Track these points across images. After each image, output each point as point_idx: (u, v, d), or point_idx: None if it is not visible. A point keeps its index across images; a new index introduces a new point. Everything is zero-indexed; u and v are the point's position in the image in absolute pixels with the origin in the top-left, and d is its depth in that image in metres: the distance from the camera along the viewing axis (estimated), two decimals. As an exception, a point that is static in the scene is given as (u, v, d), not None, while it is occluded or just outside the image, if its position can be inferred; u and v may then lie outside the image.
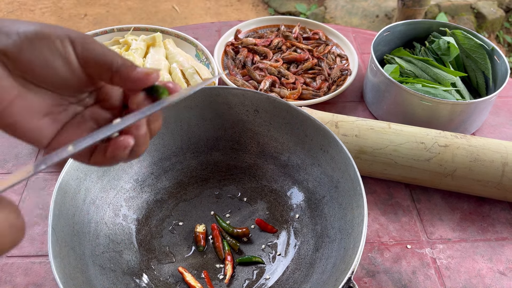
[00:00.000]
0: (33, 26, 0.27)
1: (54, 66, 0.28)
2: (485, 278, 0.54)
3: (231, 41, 0.84)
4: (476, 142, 0.60)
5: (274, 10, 2.24)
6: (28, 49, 0.27)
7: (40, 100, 0.28)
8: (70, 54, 0.28)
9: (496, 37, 2.09)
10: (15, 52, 0.27)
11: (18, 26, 0.27)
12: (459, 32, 0.74)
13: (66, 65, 0.28)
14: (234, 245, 0.53)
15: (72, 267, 0.43)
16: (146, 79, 0.29)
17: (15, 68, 0.27)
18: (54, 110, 0.29)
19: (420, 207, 0.62)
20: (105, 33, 0.81)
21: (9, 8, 2.16)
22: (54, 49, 0.27)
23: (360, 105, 0.77)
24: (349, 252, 0.43)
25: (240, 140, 0.58)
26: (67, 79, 0.28)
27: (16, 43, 0.27)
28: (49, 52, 0.27)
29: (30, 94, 0.28)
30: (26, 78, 0.28)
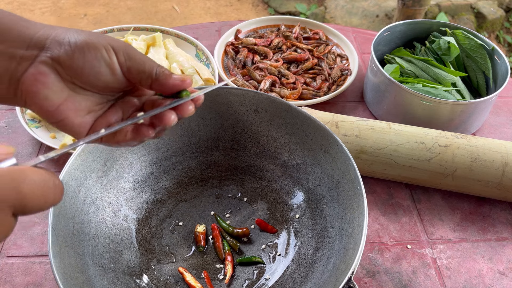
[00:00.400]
0: (82, 35, 0.32)
1: (100, 72, 0.32)
2: (485, 278, 0.54)
3: (231, 41, 0.84)
4: (476, 142, 0.60)
5: (274, 10, 2.24)
6: (78, 57, 0.31)
7: (85, 101, 0.33)
8: (114, 63, 0.32)
9: (496, 37, 2.09)
10: (67, 60, 0.31)
11: (69, 36, 0.31)
12: (460, 32, 0.74)
13: (110, 72, 0.32)
14: (234, 245, 0.53)
15: (72, 267, 0.43)
16: (182, 85, 0.34)
17: (66, 74, 0.31)
18: (95, 108, 0.34)
19: (421, 207, 0.62)
20: (105, 33, 0.81)
21: (8, 8, 2.16)
22: (101, 58, 0.32)
23: (360, 105, 0.77)
24: (349, 252, 0.43)
25: (240, 140, 0.58)
26: (110, 83, 0.33)
27: (68, 52, 0.31)
28: (96, 61, 0.31)
29: (77, 96, 0.32)
30: (75, 82, 0.32)
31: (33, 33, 0.31)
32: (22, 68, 0.31)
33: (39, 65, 0.31)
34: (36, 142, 0.68)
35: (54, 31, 0.32)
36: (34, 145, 0.67)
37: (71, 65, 0.31)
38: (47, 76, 0.31)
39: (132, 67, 0.33)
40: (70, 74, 0.31)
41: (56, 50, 0.31)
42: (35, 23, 0.32)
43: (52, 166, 0.65)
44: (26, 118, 0.67)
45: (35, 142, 0.68)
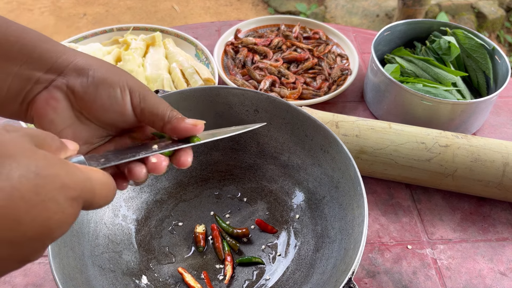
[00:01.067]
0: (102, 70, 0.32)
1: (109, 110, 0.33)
2: (485, 278, 0.54)
3: (231, 41, 0.84)
4: (476, 142, 0.60)
5: (274, 9, 2.24)
6: (92, 92, 0.32)
7: (86, 132, 0.33)
8: (126, 103, 0.33)
9: (497, 36, 2.09)
10: (81, 92, 0.32)
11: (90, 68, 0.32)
12: (460, 31, 0.74)
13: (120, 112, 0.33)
14: (234, 245, 0.53)
15: (72, 267, 0.43)
16: (193, 129, 0.34)
17: (76, 104, 0.32)
18: (93, 140, 0.34)
19: (421, 207, 0.62)
20: (104, 32, 0.81)
21: (8, 7, 2.16)
22: (113, 97, 0.32)
23: (361, 105, 0.76)
24: (349, 252, 0.43)
25: (240, 140, 0.58)
26: (116, 122, 0.34)
27: (83, 85, 0.32)
28: (108, 99, 0.32)
29: (80, 126, 0.33)
30: (83, 113, 0.33)
31: (55, 58, 0.32)
32: (37, 89, 0.32)
33: (53, 89, 0.32)
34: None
35: (75, 59, 0.32)
36: (33, 145, 0.67)
37: (83, 97, 0.32)
38: (59, 102, 0.32)
39: (145, 109, 0.33)
40: (80, 105, 0.32)
41: (73, 79, 0.32)
42: (58, 45, 0.33)
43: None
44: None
45: (34, 142, 0.68)
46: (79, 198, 0.23)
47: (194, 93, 0.54)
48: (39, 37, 0.33)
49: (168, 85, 0.71)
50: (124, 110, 0.33)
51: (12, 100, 0.32)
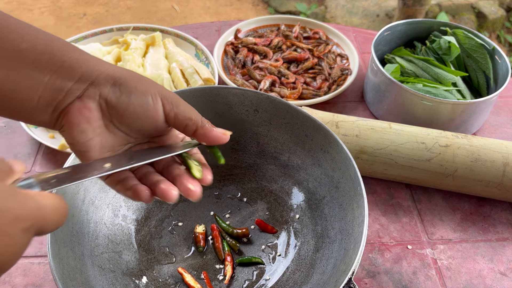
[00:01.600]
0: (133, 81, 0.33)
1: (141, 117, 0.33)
2: (486, 278, 0.54)
3: (231, 41, 0.84)
4: (477, 142, 0.60)
5: (274, 9, 2.24)
6: (124, 100, 0.32)
7: (112, 140, 0.34)
8: (158, 111, 0.34)
9: (497, 36, 2.09)
10: (113, 101, 0.32)
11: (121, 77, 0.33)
12: (460, 31, 0.74)
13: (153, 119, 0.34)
14: (234, 245, 0.53)
15: (71, 267, 0.43)
16: (222, 138, 0.36)
17: (108, 113, 0.33)
18: (117, 148, 0.35)
19: (421, 207, 0.62)
20: (104, 32, 0.81)
21: (8, 7, 2.16)
22: (146, 106, 0.33)
23: (361, 105, 0.76)
24: (349, 252, 0.43)
25: (240, 140, 0.58)
26: (147, 128, 0.34)
27: (117, 94, 0.32)
28: (141, 108, 0.33)
29: (108, 135, 0.34)
30: (113, 122, 0.33)
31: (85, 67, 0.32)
32: (69, 99, 0.32)
33: (86, 99, 0.32)
34: (35, 142, 0.68)
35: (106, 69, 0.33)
36: (33, 145, 0.67)
37: (116, 106, 0.32)
38: (92, 111, 0.32)
39: (179, 114, 0.34)
40: (112, 114, 0.33)
41: (106, 88, 0.32)
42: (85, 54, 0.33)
43: (52, 166, 0.65)
44: (25, 118, 0.66)
45: (33, 142, 0.68)
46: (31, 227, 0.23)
47: (194, 93, 0.54)
48: (66, 45, 0.33)
49: (168, 85, 0.71)
50: (156, 116, 0.34)
51: (43, 110, 0.32)
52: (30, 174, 0.64)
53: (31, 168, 0.64)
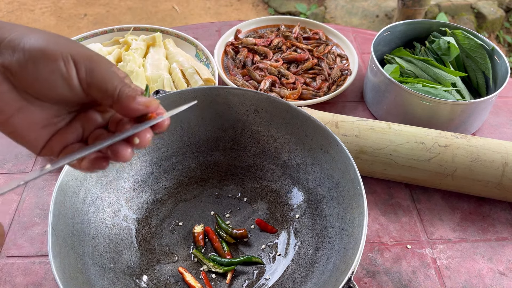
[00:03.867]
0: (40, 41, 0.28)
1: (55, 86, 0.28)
2: (485, 278, 0.54)
3: (231, 41, 0.84)
4: (476, 142, 0.60)
5: (274, 10, 2.24)
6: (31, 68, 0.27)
7: (40, 113, 0.29)
8: (72, 77, 0.28)
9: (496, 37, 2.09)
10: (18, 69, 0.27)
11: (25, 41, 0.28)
12: (459, 32, 0.74)
13: (67, 86, 0.28)
14: (230, 239, 0.53)
15: (72, 267, 0.43)
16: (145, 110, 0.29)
17: (18, 83, 0.28)
18: (52, 121, 0.30)
19: (420, 207, 0.62)
20: (105, 33, 0.81)
21: (9, 8, 2.16)
22: (56, 71, 0.28)
23: (360, 105, 0.77)
24: (349, 252, 0.43)
25: (240, 140, 0.58)
26: (67, 97, 0.29)
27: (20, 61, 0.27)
28: (51, 73, 0.28)
29: (31, 107, 0.29)
30: (29, 92, 0.28)
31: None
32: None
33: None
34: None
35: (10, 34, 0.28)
36: (34, 145, 0.67)
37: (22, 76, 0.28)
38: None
39: (92, 84, 0.29)
40: (22, 84, 0.28)
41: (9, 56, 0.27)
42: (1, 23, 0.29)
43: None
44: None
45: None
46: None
47: (195, 93, 0.54)
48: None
49: (169, 85, 0.71)
50: (72, 85, 0.28)
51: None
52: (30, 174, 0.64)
53: (32, 167, 0.64)
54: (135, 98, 0.29)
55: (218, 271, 0.51)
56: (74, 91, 0.29)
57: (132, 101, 0.29)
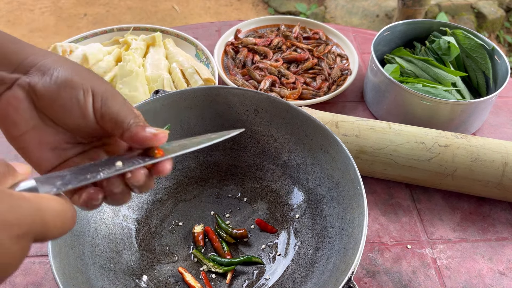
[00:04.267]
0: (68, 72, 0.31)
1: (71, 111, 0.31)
2: (485, 278, 0.54)
3: (231, 41, 0.84)
4: (476, 142, 0.60)
5: (274, 9, 2.24)
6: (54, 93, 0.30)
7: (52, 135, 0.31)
8: (88, 107, 0.31)
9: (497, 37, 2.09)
10: (42, 91, 0.30)
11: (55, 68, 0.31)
12: (460, 31, 0.74)
13: (81, 114, 0.31)
14: (230, 239, 0.53)
15: (72, 267, 0.43)
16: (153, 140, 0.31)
17: (38, 103, 0.30)
18: (63, 146, 0.32)
19: (421, 207, 0.62)
20: (105, 32, 0.81)
21: (8, 7, 2.16)
22: (75, 98, 0.30)
23: (360, 105, 0.77)
24: (349, 252, 0.43)
25: (240, 140, 0.58)
26: (81, 126, 0.31)
27: (45, 85, 0.30)
28: (69, 100, 0.30)
29: (45, 128, 0.31)
30: (46, 114, 0.31)
31: (22, 58, 0.31)
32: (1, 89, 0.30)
33: (16, 88, 0.30)
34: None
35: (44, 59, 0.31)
36: (33, 145, 0.67)
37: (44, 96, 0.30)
38: (21, 101, 0.30)
39: (105, 114, 0.31)
40: (42, 105, 0.31)
41: (37, 78, 0.30)
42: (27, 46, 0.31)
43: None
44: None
45: (34, 142, 0.68)
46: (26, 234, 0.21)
47: (194, 93, 0.54)
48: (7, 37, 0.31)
49: (168, 85, 0.71)
50: (86, 113, 0.31)
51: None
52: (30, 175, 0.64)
53: (32, 168, 0.64)
54: (144, 128, 0.31)
55: (218, 271, 0.50)
56: (87, 119, 0.31)
57: (141, 130, 0.31)
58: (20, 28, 2.03)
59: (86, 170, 0.29)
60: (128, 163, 0.30)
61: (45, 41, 1.96)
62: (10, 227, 0.20)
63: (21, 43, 0.32)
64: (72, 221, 0.25)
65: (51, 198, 0.24)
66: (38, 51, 0.32)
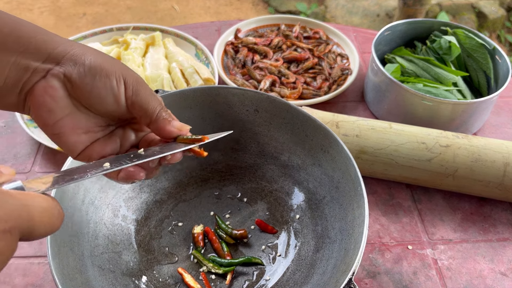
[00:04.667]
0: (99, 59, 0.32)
1: (105, 100, 0.33)
2: (486, 279, 0.54)
3: (231, 41, 0.83)
4: (477, 142, 0.60)
5: (274, 9, 2.24)
6: (89, 81, 0.32)
7: (85, 120, 0.34)
8: (121, 94, 0.33)
9: (498, 36, 2.08)
10: (77, 80, 0.32)
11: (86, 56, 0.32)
12: (461, 31, 0.74)
13: (115, 102, 0.33)
14: (229, 240, 0.53)
15: (71, 267, 0.43)
16: (177, 133, 0.35)
17: (73, 92, 0.32)
18: (94, 129, 0.34)
19: (421, 207, 0.61)
20: (104, 32, 0.81)
21: (7, 7, 2.16)
22: (109, 87, 0.33)
23: (361, 105, 0.76)
24: (349, 253, 0.43)
25: (240, 140, 0.58)
26: (113, 111, 0.34)
27: (80, 73, 0.32)
28: (105, 89, 0.32)
29: (78, 114, 0.33)
30: (80, 101, 0.33)
31: (51, 48, 0.32)
32: (35, 79, 0.32)
33: (51, 78, 0.31)
34: (35, 142, 0.67)
35: (72, 49, 0.32)
36: (32, 145, 0.67)
37: (79, 86, 0.32)
38: (57, 90, 0.32)
39: (136, 103, 0.34)
40: (77, 94, 0.32)
41: (70, 68, 0.32)
42: (54, 36, 0.33)
43: (51, 166, 0.64)
44: (25, 118, 0.66)
45: (33, 142, 0.67)
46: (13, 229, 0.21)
47: (194, 93, 0.54)
48: (35, 28, 0.32)
49: (168, 85, 0.71)
50: (119, 101, 0.33)
51: (10, 91, 0.32)
52: (29, 174, 0.64)
53: (30, 168, 0.64)
54: (170, 122, 0.35)
55: (217, 272, 0.50)
56: (120, 106, 0.33)
57: (167, 124, 0.35)
58: (19, 28, 2.02)
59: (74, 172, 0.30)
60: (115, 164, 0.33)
61: (45, 41, 1.95)
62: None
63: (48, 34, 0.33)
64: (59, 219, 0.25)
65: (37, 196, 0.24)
66: (65, 41, 0.33)
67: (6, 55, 0.31)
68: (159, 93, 0.53)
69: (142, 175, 0.34)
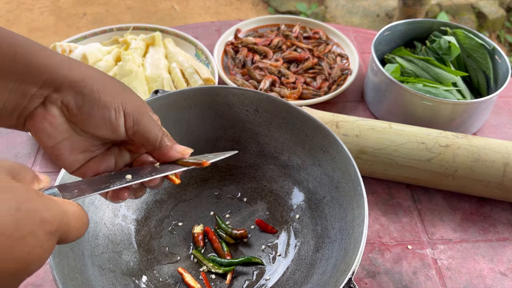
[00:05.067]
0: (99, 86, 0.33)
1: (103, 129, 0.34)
2: (486, 278, 0.54)
3: (231, 41, 0.84)
4: (477, 142, 0.60)
5: (274, 9, 2.24)
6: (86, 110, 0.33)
7: (83, 142, 0.35)
8: (120, 125, 0.34)
9: (497, 36, 2.09)
10: (75, 110, 0.33)
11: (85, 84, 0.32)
12: (460, 31, 0.74)
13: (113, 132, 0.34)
14: (229, 239, 0.53)
15: (71, 267, 0.43)
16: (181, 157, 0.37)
17: (71, 118, 0.33)
18: (90, 149, 0.36)
19: (421, 207, 0.62)
20: (104, 32, 0.81)
21: (8, 7, 2.16)
22: (108, 118, 0.33)
23: (361, 105, 0.76)
24: (349, 252, 0.43)
25: (240, 140, 0.58)
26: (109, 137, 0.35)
27: (78, 103, 0.32)
28: (103, 119, 0.33)
29: (77, 137, 0.34)
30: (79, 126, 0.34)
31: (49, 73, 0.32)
32: (33, 105, 0.32)
33: (49, 105, 0.32)
34: (35, 142, 0.68)
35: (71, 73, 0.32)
36: (32, 145, 0.67)
37: (77, 115, 0.33)
38: (55, 117, 0.32)
39: (137, 132, 0.35)
40: (75, 120, 0.33)
41: (70, 98, 0.32)
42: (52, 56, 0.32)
43: (51, 166, 0.64)
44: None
45: (33, 142, 0.68)
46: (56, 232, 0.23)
47: (194, 93, 0.54)
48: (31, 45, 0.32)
49: (168, 85, 0.71)
50: (117, 131, 0.34)
51: (8, 115, 0.32)
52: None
53: (31, 168, 0.64)
54: (172, 147, 0.36)
55: (217, 271, 0.50)
56: (118, 135, 0.34)
57: (171, 150, 0.36)
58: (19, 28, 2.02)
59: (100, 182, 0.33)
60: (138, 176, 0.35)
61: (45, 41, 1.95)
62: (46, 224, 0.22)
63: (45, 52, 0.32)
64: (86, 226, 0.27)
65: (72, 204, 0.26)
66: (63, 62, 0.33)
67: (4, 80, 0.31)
68: (159, 93, 0.53)
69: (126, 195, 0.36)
